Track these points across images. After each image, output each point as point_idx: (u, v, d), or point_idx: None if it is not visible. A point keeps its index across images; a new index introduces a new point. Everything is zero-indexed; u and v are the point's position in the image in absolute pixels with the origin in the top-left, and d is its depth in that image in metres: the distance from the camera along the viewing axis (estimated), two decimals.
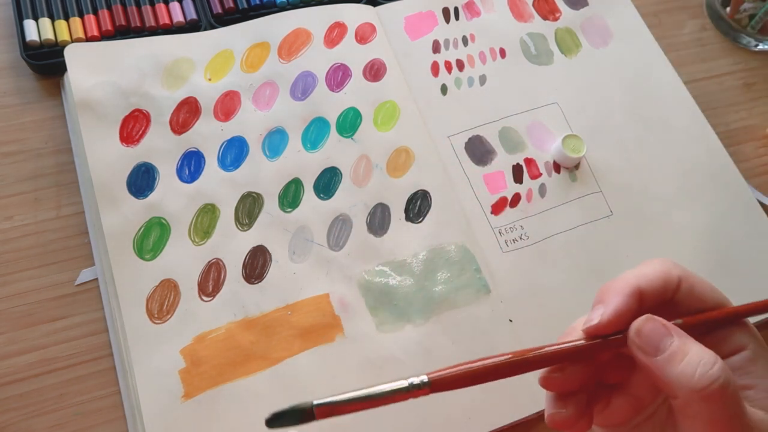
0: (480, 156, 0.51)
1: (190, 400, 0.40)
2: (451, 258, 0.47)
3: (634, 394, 0.28)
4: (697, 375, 0.24)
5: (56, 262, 0.45)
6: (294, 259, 0.45)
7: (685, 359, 0.24)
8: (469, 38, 0.56)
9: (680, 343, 0.25)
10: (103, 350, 0.43)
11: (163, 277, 0.43)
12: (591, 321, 0.27)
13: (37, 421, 0.40)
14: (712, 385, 0.23)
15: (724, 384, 0.23)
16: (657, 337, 0.25)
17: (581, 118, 0.54)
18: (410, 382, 0.26)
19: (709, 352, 0.24)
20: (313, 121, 0.50)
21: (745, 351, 0.27)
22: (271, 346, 0.42)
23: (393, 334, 0.44)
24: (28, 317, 0.43)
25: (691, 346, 0.25)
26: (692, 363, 0.24)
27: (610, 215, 0.50)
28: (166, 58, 0.50)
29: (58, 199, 0.47)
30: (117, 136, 0.47)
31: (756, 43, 0.62)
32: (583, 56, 0.57)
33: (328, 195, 0.48)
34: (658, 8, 0.63)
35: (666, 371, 0.24)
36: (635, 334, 0.26)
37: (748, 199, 0.53)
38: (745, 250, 0.50)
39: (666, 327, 0.25)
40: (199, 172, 0.47)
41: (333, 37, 0.53)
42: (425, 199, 0.48)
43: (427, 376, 0.26)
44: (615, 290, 0.27)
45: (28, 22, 0.50)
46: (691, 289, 0.27)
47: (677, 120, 0.55)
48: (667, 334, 0.25)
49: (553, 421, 0.28)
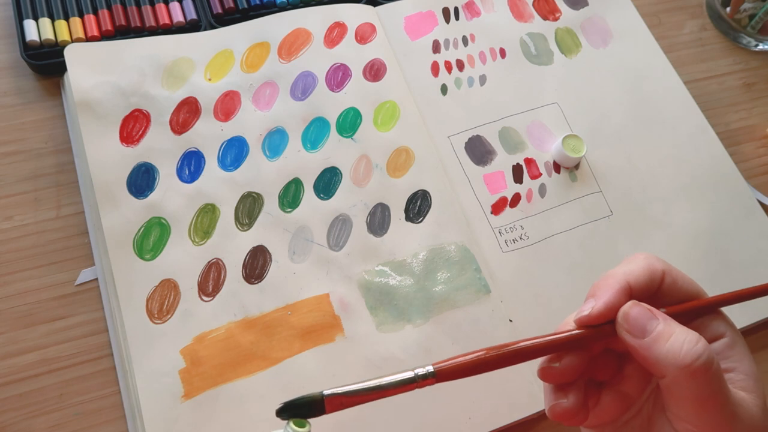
0: (480, 156, 0.51)
1: (190, 400, 0.40)
2: (451, 258, 0.47)
3: (623, 391, 0.30)
4: (683, 351, 0.25)
5: (56, 262, 0.45)
6: (294, 259, 0.45)
7: (671, 338, 0.26)
8: (469, 38, 0.56)
9: (665, 325, 0.26)
10: (103, 350, 0.43)
11: (163, 277, 0.43)
12: (582, 312, 0.28)
13: (37, 421, 0.40)
14: (698, 361, 0.25)
15: (709, 360, 0.25)
16: (643, 319, 0.27)
17: (581, 118, 0.54)
18: (416, 372, 0.26)
19: (692, 332, 0.26)
20: (313, 121, 0.50)
21: (724, 338, 0.29)
22: (271, 346, 0.42)
23: (393, 334, 0.44)
24: (28, 317, 0.43)
25: (675, 327, 0.26)
26: (678, 341, 0.26)
27: (610, 215, 0.50)
28: (166, 58, 0.50)
29: (58, 199, 0.47)
30: (117, 136, 0.47)
31: (756, 43, 0.62)
32: (583, 56, 0.57)
33: (328, 195, 0.48)
34: (658, 8, 0.63)
35: (653, 351, 0.26)
36: (623, 318, 0.27)
37: (748, 199, 0.53)
38: (745, 250, 0.50)
39: (651, 311, 0.27)
40: (199, 172, 0.47)
41: (333, 37, 0.53)
42: (425, 199, 0.48)
43: (432, 366, 0.27)
44: (605, 285, 0.28)
45: (28, 22, 0.50)
46: (673, 281, 0.29)
47: (677, 120, 0.55)
48: (653, 317, 0.27)
49: (554, 413, 0.29)
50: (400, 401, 0.42)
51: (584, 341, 0.28)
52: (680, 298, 0.29)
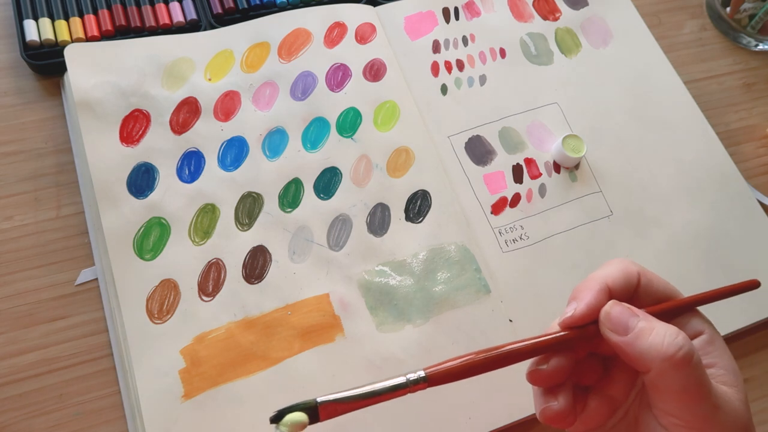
0: (480, 156, 0.51)
1: (190, 400, 0.40)
2: (451, 258, 0.47)
3: (609, 394, 0.30)
4: (665, 344, 0.26)
5: (56, 262, 0.45)
6: (294, 259, 0.45)
7: (653, 333, 0.27)
8: (469, 38, 0.56)
9: (646, 321, 0.28)
10: (103, 350, 0.43)
11: (163, 277, 0.43)
12: (566, 314, 0.29)
13: (37, 421, 0.40)
14: (680, 352, 0.26)
15: (690, 351, 0.26)
16: (624, 317, 0.28)
17: (581, 118, 0.54)
18: (408, 378, 0.27)
19: (672, 327, 0.27)
20: (313, 121, 0.50)
21: (703, 335, 0.30)
22: (271, 346, 0.42)
23: (393, 334, 0.44)
24: (28, 317, 0.43)
25: (655, 323, 0.28)
26: (659, 335, 0.27)
27: (610, 215, 0.50)
28: (166, 58, 0.50)
29: (58, 199, 0.47)
30: (117, 136, 0.47)
31: (756, 43, 0.62)
32: (583, 56, 0.57)
33: (328, 195, 0.48)
34: (658, 8, 0.63)
35: (636, 346, 0.27)
36: (605, 317, 0.28)
37: (748, 199, 0.53)
38: (745, 250, 0.50)
39: (631, 309, 0.28)
40: (199, 172, 0.47)
41: (333, 37, 0.53)
42: (425, 199, 0.48)
43: (424, 371, 0.27)
44: (585, 288, 0.30)
45: (28, 22, 0.50)
46: (649, 282, 0.30)
47: (677, 120, 0.55)
48: (633, 314, 0.28)
49: (545, 416, 0.30)
50: (400, 401, 0.42)
51: (570, 343, 0.29)
52: (657, 298, 0.31)
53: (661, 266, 0.49)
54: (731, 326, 0.47)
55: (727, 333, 0.47)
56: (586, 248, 0.49)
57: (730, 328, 0.47)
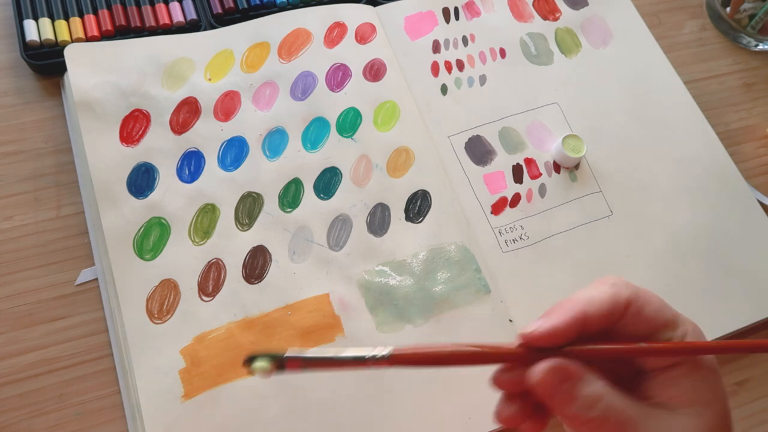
0: (480, 156, 0.51)
1: (190, 400, 0.40)
2: (451, 258, 0.47)
3: None
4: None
5: (56, 262, 0.45)
6: (294, 259, 0.45)
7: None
8: (469, 38, 0.56)
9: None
10: (103, 350, 0.43)
11: (163, 277, 0.43)
12: (528, 328, 0.28)
13: (37, 421, 0.40)
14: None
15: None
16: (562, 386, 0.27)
17: (581, 118, 0.54)
18: (373, 354, 0.27)
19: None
20: (313, 121, 0.50)
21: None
22: (271, 347, 0.42)
23: (393, 334, 0.44)
24: (28, 317, 0.43)
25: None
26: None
27: (610, 215, 0.50)
28: (166, 58, 0.50)
29: (58, 199, 0.47)
30: (117, 136, 0.47)
31: (756, 43, 0.62)
32: (583, 56, 0.57)
33: (328, 195, 0.48)
34: (658, 8, 0.63)
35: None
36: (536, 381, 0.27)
37: (748, 199, 0.53)
38: (745, 250, 0.50)
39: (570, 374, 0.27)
40: (199, 172, 0.47)
41: (333, 37, 0.53)
42: (425, 199, 0.48)
43: (391, 350, 0.27)
44: (562, 309, 0.28)
45: (28, 22, 0.50)
46: (638, 311, 0.28)
47: (677, 120, 0.55)
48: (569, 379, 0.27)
49: (498, 416, 0.29)
50: (401, 401, 0.42)
51: (520, 358, 0.28)
52: (645, 327, 0.29)
53: (661, 266, 0.49)
54: (731, 326, 0.47)
55: (727, 333, 0.47)
56: (586, 248, 0.49)
57: (730, 328, 0.47)
